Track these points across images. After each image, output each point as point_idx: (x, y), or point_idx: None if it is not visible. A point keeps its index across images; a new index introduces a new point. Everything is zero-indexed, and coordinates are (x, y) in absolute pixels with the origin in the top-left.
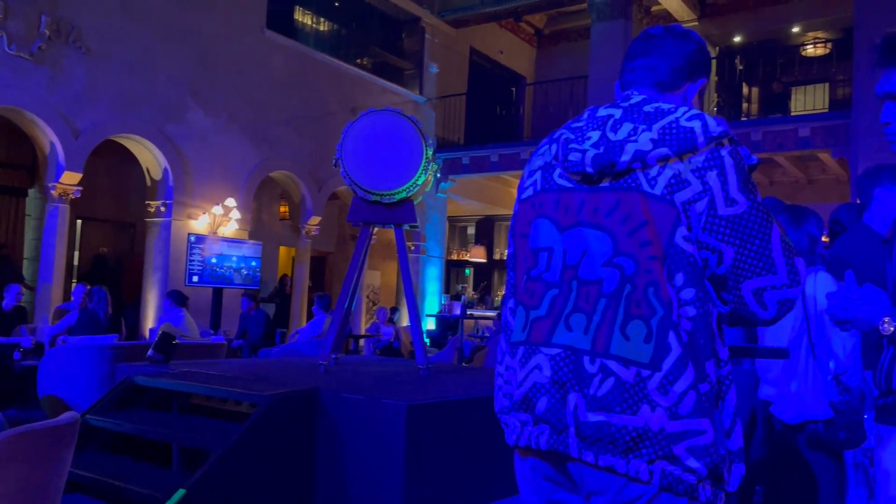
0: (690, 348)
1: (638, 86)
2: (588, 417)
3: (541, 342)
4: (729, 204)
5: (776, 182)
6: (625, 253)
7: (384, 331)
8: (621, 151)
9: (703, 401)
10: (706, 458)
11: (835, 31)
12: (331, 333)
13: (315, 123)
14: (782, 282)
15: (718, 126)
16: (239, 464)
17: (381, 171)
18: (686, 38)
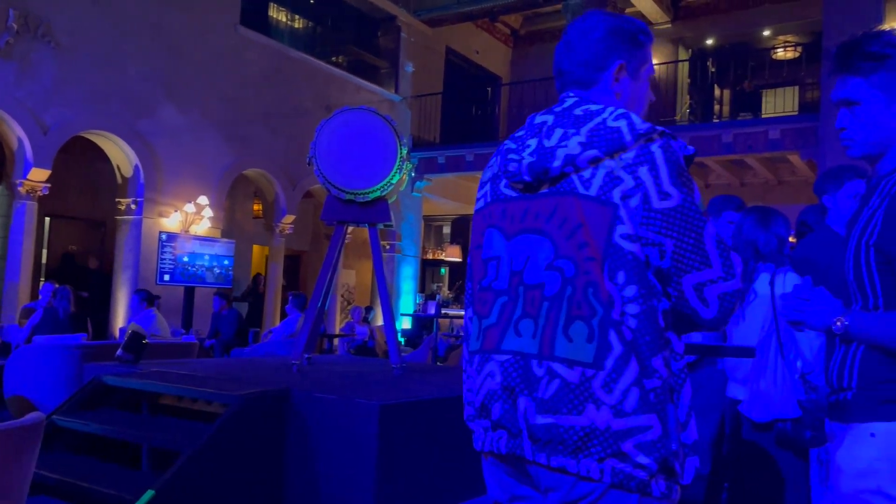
0: (634, 345)
1: (566, 89)
2: (537, 420)
3: (492, 349)
4: (662, 197)
5: (747, 183)
6: (564, 256)
7: (358, 330)
8: (553, 157)
9: (649, 397)
10: (655, 453)
11: (804, 35)
12: (303, 333)
13: (289, 121)
14: (718, 275)
15: (644, 123)
16: (209, 464)
17: (355, 169)
18: (587, 31)
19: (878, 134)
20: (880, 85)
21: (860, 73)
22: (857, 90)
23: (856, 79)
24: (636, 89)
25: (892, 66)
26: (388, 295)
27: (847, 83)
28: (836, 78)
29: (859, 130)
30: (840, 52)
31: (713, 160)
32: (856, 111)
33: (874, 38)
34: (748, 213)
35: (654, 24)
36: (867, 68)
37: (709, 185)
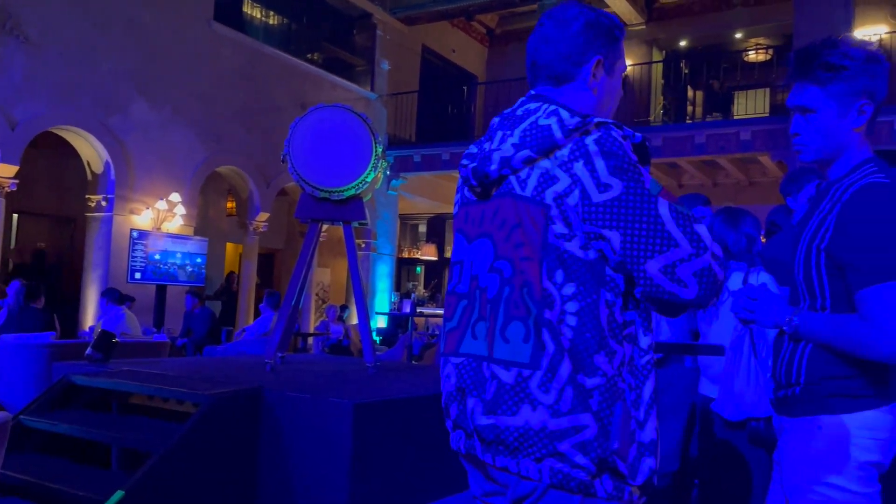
0: (573, 343)
1: (538, 84)
2: (482, 421)
3: (451, 352)
4: (602, 189)
5: (719, 184)
6: (502, 257)
7: (333, 329)
8: (490, 161)
9: (590, 395)
10: (591, 453)
11: (776, 38)
12: (277, 331)
13: (264, 118)
14: (688, 252)
15: (574, 117)
16: (180, 464)
17: (329, 167)
18: (566, 22)
19: (830, 142)
20: (836, 95)
21: (818, 82)
22: (814, 98)
23: (813, 87)
24: (611, 86)
25: (847, 78)
26: (363, 293)
27: (805, 90)
28: (794, 84)
29: (812, 137)
30: (799, 59)
31: (686, 161)
32: (810, 118)
33: (833, 49)
34: (717, 214)
35: (628, 25)
36: (825, 78)
37: (682, 186)
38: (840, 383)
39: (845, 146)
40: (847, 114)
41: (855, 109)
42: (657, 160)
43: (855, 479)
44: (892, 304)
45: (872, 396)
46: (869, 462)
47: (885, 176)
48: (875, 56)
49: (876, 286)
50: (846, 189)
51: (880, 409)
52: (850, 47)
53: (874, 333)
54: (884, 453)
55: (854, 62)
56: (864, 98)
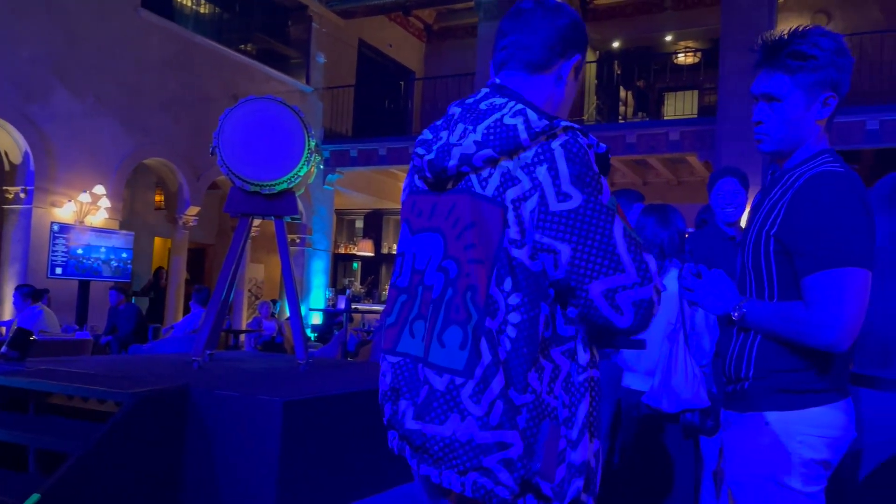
0: (508, 355)
1: (509, 66)
2: (410, 426)
3: (388, 350)
4: (561, 199)
5: (649, 183)
6: (451, 256)
7: (266, 325)
8: (449, 156)
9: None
10: (515, 473)
11: (703, 41)
12: (205, 328)
13: (194, 109)
14: (633, 280)
15: (542, 120)
16: (100, 466)
17: (260, 160)
18: (558, 12)
19: (793, 133)
20: (803, 85)
21: (786, 70)
22: (781, 86)
23: (781, 75)
24: (574, 88)
25: (816, 68)
26: (295, 289)
27: (772, 78)
28: (760, 71)
29: (776, 127)
30: (768, 46)
31: (618, 160)
32: (775, 107)
33: (804, 38)
34: (648, 214)
35: None
36: (794, 66)
37: (614, 184)
38: (789, 377)
39: (805, 138)
40: (812, 105)
41: (820, 101)
42: None
43: (799, 477)
44: (835, 290)
45: (822, 392)
46: (814, 460)
47: (839, 166)
48: (843, 49)
49: (821, 272)
50: (799, 176)
51: (830, 406)
52: (820, 38)
53: (817, 321)
54: (832, 451)
55: (824, 53)
56: (830, 90)
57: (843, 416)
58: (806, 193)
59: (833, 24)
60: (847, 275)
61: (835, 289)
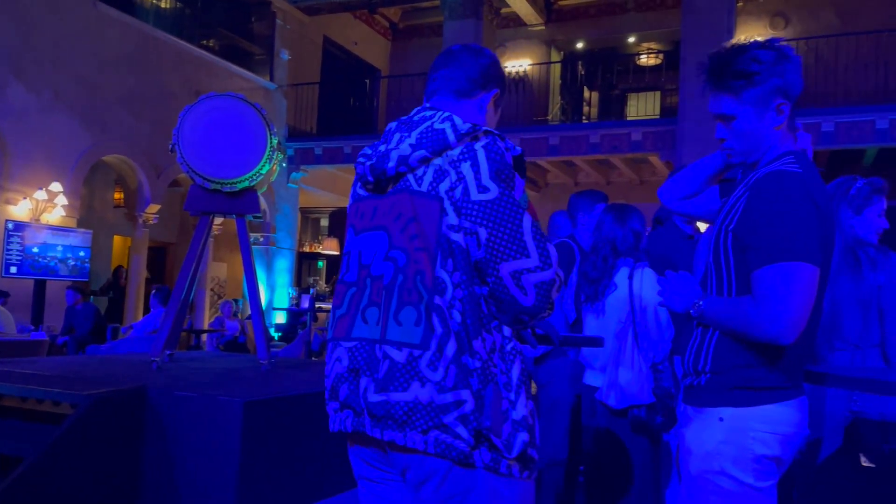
0: (459, 327)
1: (439, 94)
2: (373, 398)
3: (342, 337)
4: (481, 190)
5: (612, 182)
6: (398, 247)
7: (229, 325)
8: (388, 159)
9: (470, 374)
10: (469, 426)
11: (666, 43)
12: (165, 328)
13: (154, 106)
14: (535, 264)
15: (466, 124)
16: (55, 469)
17: (221, 158)
18: (481, 54)
19: (755, 143)
20: (751, 100)
21: (731, 92)
22: (731, 107)
23: (728, 97)
24: (494, 120)
25: (759, 81)
26: (257, 288)
27: (721, 101)
28: (710, 93)
29: (737, 141)
30: (711, 69)
31: (582, 159)
32: (732, 125)
33: (741, 56)
34: (607, 212)
35: (528, 25)
36: (737, 87)
37: (577, 184)
38: (745, 373)
39: (768, 144)
40: (765, 115)
41: (772, 110)
42: (555, 158)
43: (751, 472)
44: (779, 284)
45: (776, 389)
46: (766, 456)
47: (799, 166)
48: (784, 55)
49: (767, 267)
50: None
51: (783, 404)
52: (758, 50)
53: (763, 314)
54: (785, 448)
55: (763, 65)
56: (780, 97)
57: (797, 414)
58: (758, 190)
59: (790, 28)
60: (792, 269)
61: (780, 283)
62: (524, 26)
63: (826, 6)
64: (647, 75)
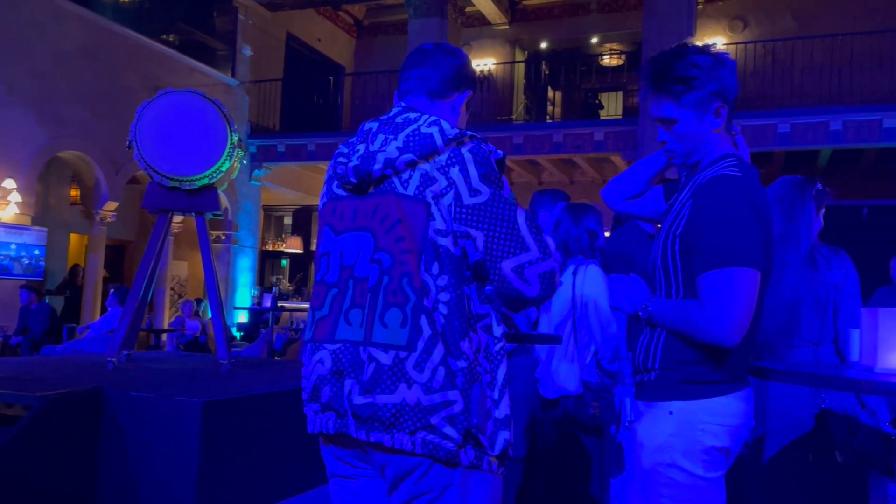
0: (444, 329)
1: (413, 94)
2: (359, 400)
3: (324, 339)
4: (473, 194)
5: (576, 181)
6: (383, 249)
7: (189, 325)
8: (374, 161)
9: (456, 375)
10: (458, 425)
11: (628, 44)
12: (122, 328)
13: (113, 102)
14: (536, 256)
15: (453, 129)
16: (8, 472)
17: (180, 155)
18: (454, 54)
19: (694, 146)
20: (690, 104)
21: (671, 96)
22: (671, 111)
23: (668, 102)
24: (465, 121)
25: (698, 86)
26: (217, 287)
27: (661, 105)
28: (651, 98)
29: (678, 144)
30: (651, 74)
31: (545, 159)
32: (673, 128)
33: (680, 61)
34: (565, 211)
35: (493, 24)
36: (677, 91)
37: (541, 182)
38: (692, 369)
39: (708, 146)
40: (704, 118)
41: (711, 113)
42: (519, 157)
43: (700, 464)
44: (723, 289)
45: (723, 383)
46: (715, 447)
47: (739, 170)
48: (721, 60)
49: (712, 272)
50: (702, 179)
51: (730, 396)
52: (696, 55)
53: (708, 318)
54: (732, 439)
55: (701, 70)
56: (718, 101)
57: (743, 406)
58: (703, 196)
59: (749, 31)
60: (735, 274)
61: (724, 287)
62: (488, 25)
63: (783, 11)
64: (609, 75)
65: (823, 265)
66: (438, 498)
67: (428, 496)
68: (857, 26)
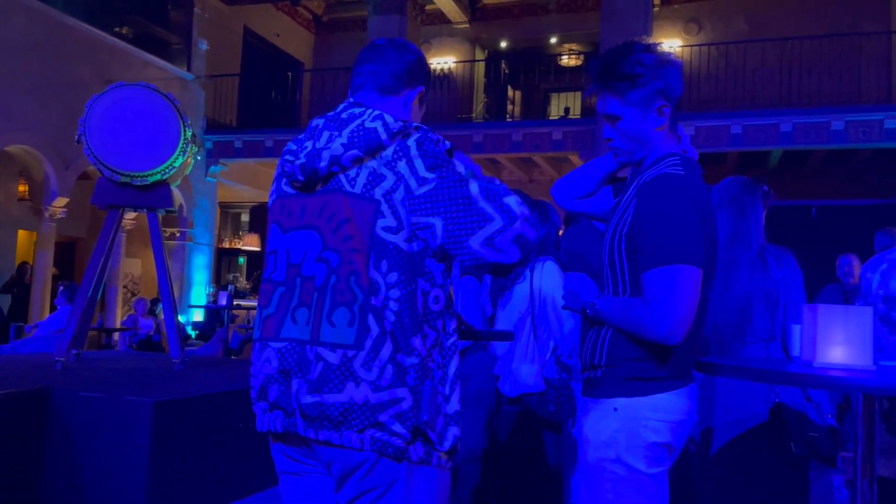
0: (394, 326)
1: (364, 90)
2: (307, 399)
3: (270, 337)
4: (422, 183)
5: (535, 180)
6: (331, 248)
7: (142, 323)
8: (319, 158)
9: (407, 372)
10: (407, 422)
11: (586, 44)
12: (70, 326)
13: (63, 95)
14: (503, 224)
15: (397, 122)
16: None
17: (131, 150)
18: (406, 50)
19: (638, 143)
20: (635, 102)
21: (616, 93)
22: (616, 107)
23: (613, 98)
24: (419, 116)
25: (643, 84)
26: (170, 285)
27: (607, 101)
28: (598, 94)
29: (622, 141)
30: (598, 70)
31: (505, 157)
32: (617, 125)
33: (626, 58)
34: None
35: (453, 22)
36: (622, 88)
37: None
38: (636, 366)
39: (651, 144)
40: (647, 116)
41: (654, 111)
42: (478, 156)
43: (643, 459)
44: (666, 287)
45: (666, 379)
46: (657, 443)
47: (683, 169)
48: (665, 59)
49: (654, 269)
50: (646, 177)
51: (673, 393)
52: (642, 53)
53: (651, 316)
54: (675, 435)
55: (646, 68)
56: (661, 100)
57: (686, 402)
58: (646, 195)
59: (703, 34)
60: (677, 272)
61: (666, 285)
62: (448, 24)
63: (737, 14)
64: (567, 75)
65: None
66: (385, 493)
67: (374, 492)
68: (806, 30)
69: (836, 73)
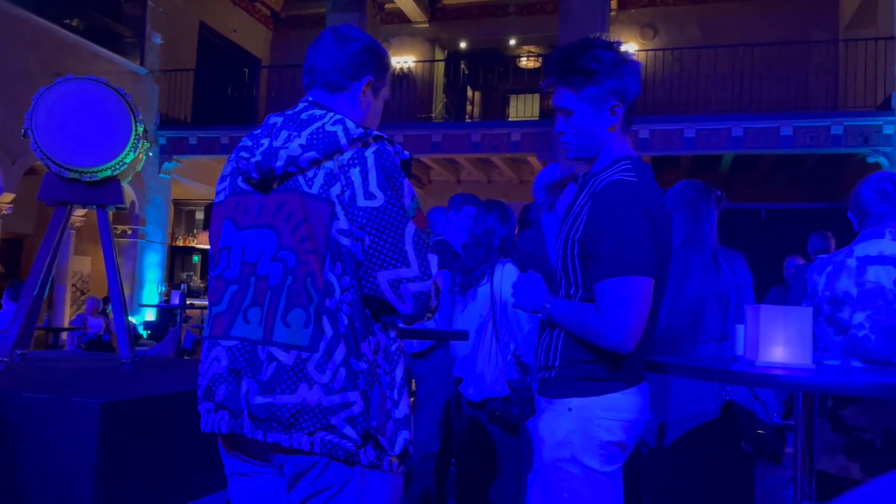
0: (347, 329)
1: (313, 88)
2: (257, 400)
3: (220, 335)
4: (367, 197)
5: (493, 181)
6: (287, 248)
7: (92, 323)
8: (276, 157)
9: (357, 377)
10: (357, 426)
11: (544, 47)
12: (15, 325)
13: (9, 89)
14: (415, 274)
15: (358, 128)
16: None
17: (80, 145)
18: (348, 39)
19: (588, 141)
20: (589, 98)
21: (571, 86)
22: (570, 101)
23: (568, 92)
24: (375, 106)
25: (598, 81)
26: (119, 283)
27: (562, 94)
28: (555, 87)
29: (573, 136)
30: (555, 63)
31: (464, 158)
32: (570, 119)
33: (585, 52)
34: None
35: (413, 22)
36: (578, 82)
37: (460, 181)
38: (589, 367)
39: (602, 144)
40: (600, 114)
41: (607, 110)
42: (438, 156)
43: (597, 458)
44: (619, 297)
45: (619, 379)
46: (611, 442)
47: (635, 175)
48: (624, 58)
49: (608, 280)
50: (599, 183)
51: (625, 392)
52: (601, 50)
53: (603, 325)
54: (627, 433)
55: (602, 66)
56: (615, 99)
57: (638, 400)
58: (600, 202)
59: (658, 39)
60: (629, 283)
61: (618, 296)
62: (408, 23)
63: (691, 20)
64: (526, 77)
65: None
66: (337, 495)
67: (326, 493)
68: (758, 38)
69: (786, 80)
